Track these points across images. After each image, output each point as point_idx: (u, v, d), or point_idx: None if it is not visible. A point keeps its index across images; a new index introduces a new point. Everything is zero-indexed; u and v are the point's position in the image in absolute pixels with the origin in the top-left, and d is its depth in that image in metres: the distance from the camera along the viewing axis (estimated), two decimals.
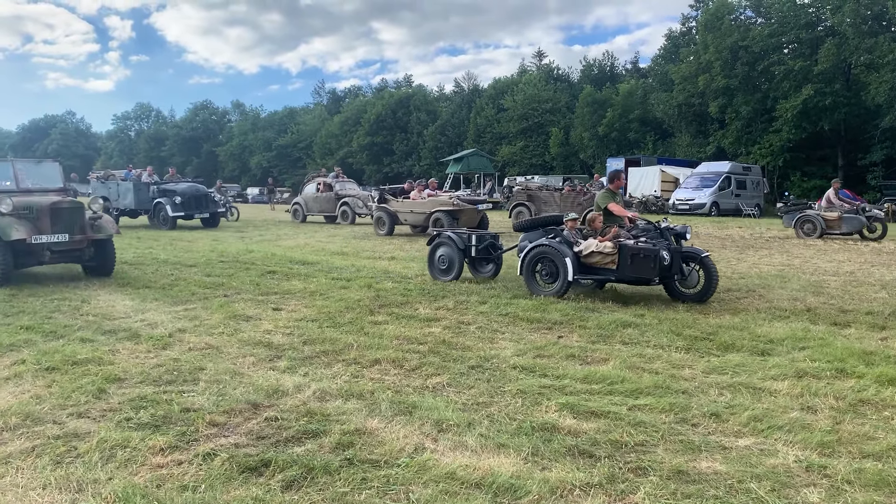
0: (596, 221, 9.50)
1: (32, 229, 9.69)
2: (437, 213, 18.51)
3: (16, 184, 10.56)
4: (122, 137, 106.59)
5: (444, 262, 10.62)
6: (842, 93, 39.49)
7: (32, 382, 5.31)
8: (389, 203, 20.02)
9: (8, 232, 9.43)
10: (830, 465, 3.89)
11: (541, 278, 9.25)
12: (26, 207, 9.84)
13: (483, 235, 10.69)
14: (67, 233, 9.96)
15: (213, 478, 3.66)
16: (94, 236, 10.34)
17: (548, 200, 22.51)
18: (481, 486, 3.59)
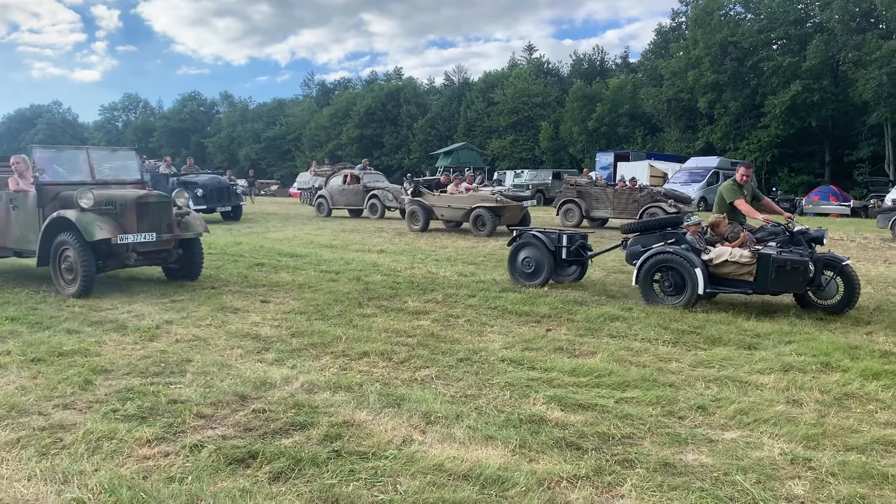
0: (721, 226, 8.36)
1: (117, 227, 8.41)
2: (479, 210, 17.42)
3: (91, 175, 9.27)
4: (109, 128, 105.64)
5: (529, 265, 9.57)
6: (829, 89, 39.71)
7: (18, 374, 5.27)
8: (425, 197, 18.73)
9: (91, 231, 8.13)
10: (815, 457, 3.92)
11: (661, 289, 8.19)
12: (109, 202, 8.61)
13: (573, 236, 9.63)
14: (155, 231, 8.71)
15: (200, 469, 3.65)
16: (182, 235, 9.14)
17: (599, 197, 20.84)
18: (469, 477, 3.60)
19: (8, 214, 9.10)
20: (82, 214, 8.25)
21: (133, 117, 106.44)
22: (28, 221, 8.87)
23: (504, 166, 53.17)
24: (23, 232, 8.95)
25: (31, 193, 8.79)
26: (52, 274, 8.46)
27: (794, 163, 42.75)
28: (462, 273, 10.73)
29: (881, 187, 32.52)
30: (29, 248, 8.89)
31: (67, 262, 8.35)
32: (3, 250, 9.33)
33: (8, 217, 9.11)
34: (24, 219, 8.91)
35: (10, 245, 9.16)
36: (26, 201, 8.89)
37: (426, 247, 14.79)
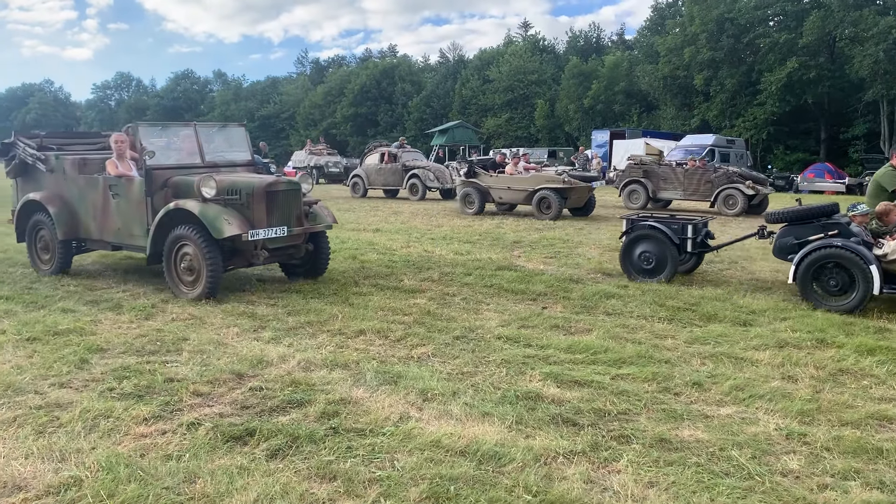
0: (891, 215, 7.40)
1: (244, 221, 7.12)
2: (544, 191, 16.20)
3: (200, 156, 7.94)
4: (102, 107, 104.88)
5: (649, 260, 8.44)
6: (826, 66, 39.55)
7: (13, 353, 5.26)
8: (480, 178, 17.43)
9: (219, 226, 6.87)
10: (810, 432, 3.95)
11: (823, 289, 7.06)
12: (233, 190, 7.26)
13: (697, 225, 8.53)
14: (285, 224, 7.43)
15: (197, 447, 3.66)
16: (312, 228, 7.85)
17: (668, 177, 19.21)
18: (466, 453, 3.61)
19: (106, 203, 7.86)
20: (206, 206, 7.01)
21: (126, 96, 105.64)
22: (132, 212, 7.61)
23: (499, 145, 52.97)
24: (125, 223, 7.72)
25: (137, 179, 7.56)
26: (167, 274, 7.31)
27: (789, 140, 42.68)
28: (458, 252, 10.72)
29: (876, 164, 32.51)
30: (132, 242, 7.74)
31: (187, 262, 7.16)
32: (98, 243, 8.27)
33: (106, 206, 7.87)
34: (127, 208, 7.66)
35: (109, 238, 7.99)
36: (130, 188, 7.61)
37: (422, 226, 14.77)
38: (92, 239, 8.20)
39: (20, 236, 8.80)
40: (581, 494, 3.22)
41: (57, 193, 8.27)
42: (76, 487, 3.22)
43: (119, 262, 9.42)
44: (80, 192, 8.09)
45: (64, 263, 8.37)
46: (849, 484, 3.36)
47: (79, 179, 8.13)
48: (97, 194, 7.92)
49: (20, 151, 8.50)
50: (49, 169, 8.30)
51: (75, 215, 8.15)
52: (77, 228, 8.19)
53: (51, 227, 8.19)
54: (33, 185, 8.56)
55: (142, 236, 7.50)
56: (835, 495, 3.25)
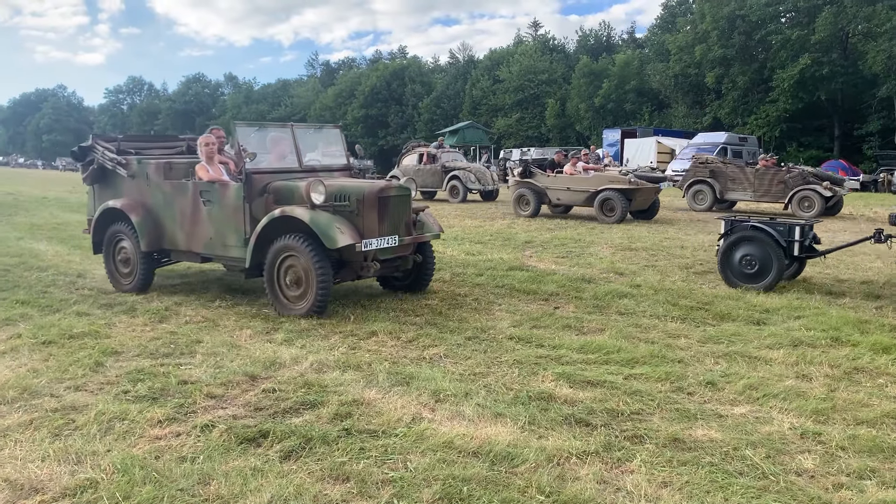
0: None
1: (355, 230, 6.55)
2: (607, 192, 15.39)
3: (297, 160, 7.30)
4: (114, 111, 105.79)
5: (751, 264, 7.88)
6: (839, 62, 39.29)
7: (29, 356, 5.31)
8: (536, 178, 16.57)
9: (332, 235, 6.31)
10: (825, 431, 3.92)
11: None
12: (342, 195, 6.67)
13: (805, 228, 7.99)
14: (396, 233, 6.82)
15: (211, 449, 3.68)
16: (421, 237, 7.27)
17: (736, 177, 18.28)
18: (479, 454, 3.61)
19: (197, 211, 7.17)
20: (316, 214, 6.43)
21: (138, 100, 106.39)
22: (227, 220, 6.95)
23: (510, 144, 52.96)
24: (218, 233, 7.05)
25: (233, 185, 6.93)
26: (269, 289, 6.67)
27: (802, 137, 42.42)
28: (469, 252, 10.72)
29: (891, 161, 32.26)
30: (225, 253, 7.10)
31: (294, 274, 6.55)
32: (185, 255, 7.56)
33: (196, 214, 7.17)
34: (222, 216, 6.99)
35: (198, 249, 7.28)
36: (225, 194, 6.95)
37: None
38: (178, 250, 7.51)
39: (97, 248, 8.09)
40: (594, 495, 3.21)
41: (139, 201, 7.59)
42: (92, 489, 3.25)
43: None
44: (166, 200, 7.41)
45: (146, 278, 7.68)
46: (864, 483, 3.34)
47: (164, 185, 7.46)
48: (186, 201, 7.24)
49: (98, 156, 7.86)
50: (130, 174, 7.66)
51: (160, 225, 7.48)
52: (161, 239, 7.50)
53: (132, 238, 7.51)
54: (112, 193, 7.90)
55: (237, 246, 6.90)
56: (850, 495, 3.22)
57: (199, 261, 7.49)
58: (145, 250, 7.47)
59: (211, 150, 7.34)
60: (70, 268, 9.27)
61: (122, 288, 7.75)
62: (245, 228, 6.81)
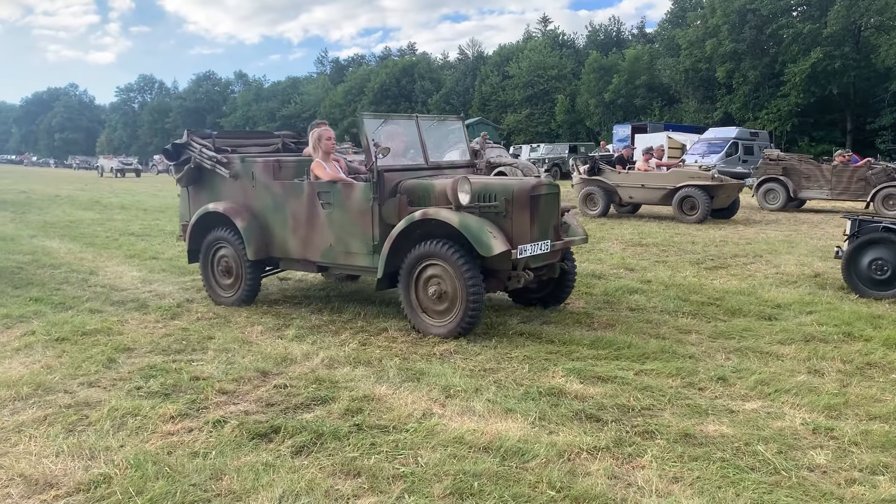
0: None
1: (504, 235, 5.69)
2: (688, 190, 14.41)
3: (423, 155, 6.52)
4: (125, 109, 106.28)
5: (882, 270, 7.15)
6: (851, 56, 38.95)
7: (43, 353, 5.35)
8: (605, 175, 15.51)
9: (486, 241, 5.45)
10: (837, 427, 3.90)
11: None
12: (488, 195, 5.84)
13: None
14: (546, 237, 5.99)
15: (223, 444, 3.70)
16: (571, 242, 6.45)
17: (811, 175, 17.21)
18: (489, 450, 3.62)
19: (314, 215, 6.42)
20: (465, 216, 5.62)
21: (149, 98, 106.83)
22: (352, 224, 6.20)
23: (520, 140, 52.84)
24: (340, 239, 6.29)
25: (359, 185, 6.17)
26: (406, 301, 5.87)
27: (814, 132, 42.12)
28: None
29: None
30: (349, 262, 6.33)
31: (437, 287, 5.70)
32: (298, 264, 6.82)
33: (313, 218, 6.43)
34: (345, 220, 6.23)
35: (315, 257, 6.51)
36: (349, 195, 6.19)
37: None
38: (289, 258, 6.78)
39: (192, 256, 7.35)
40: (605, 490, 3.21)
41: (244, 204, 6.85)
42: (105, 485, 3.28)
43: (143, 264, 9.53)
44: (276, 202, 6.66)
45: (253, 289, 6.94)
46: (877, 478, 3.32)
47: (274, 186, 6.68)
48: (300, 204, 6.48)
49: (196, 154, 7.14)
50: (233, 175, 6.90)
51: (268, 231, 6.74)
52: (270, 246, 6.76)
53: (237, 246, 6.80)
54: (209, 195, 7.17)
55: (364, 254, 6.17)
56: (863, 490, 3.21)
57: (315, 270, 6.74)
58: (253, 259, 6.72)
59: (330, 145, 6.53)
60: (82, 265, 9.33)
61: (222, 300, 7.03)
62: (373, 234, 6.06)
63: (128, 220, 15.42)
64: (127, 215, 16.55)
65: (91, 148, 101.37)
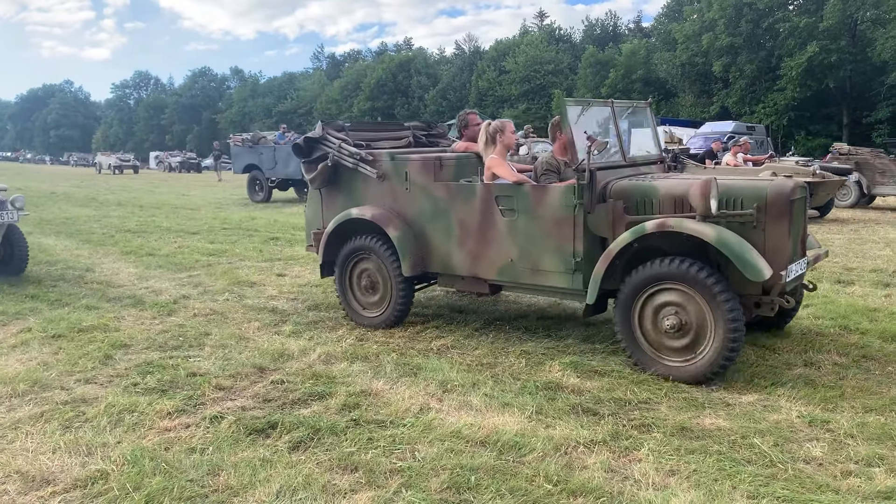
0: None
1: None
2: None
3: (621, 150, 5.52)
4: (121, 106, 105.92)
5: None
6: (847, 49, 38.96)
7: (39, 350, 5.34)
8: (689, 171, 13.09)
9: (753, 262, 4.35)
10: (833, 419, 3.92)
11: None
12: (734, 200, 4.65)
13: None
14: (799, 254, 4.85)
15: (220, 440, 3.70)
16: (818, 257, 5.43)
17: (887, 170, 16.03)
18: (486, 443, 3.63)
19: (489, 223, 5.40)
20: (721, 231, 4.49)
21: (144, 94, 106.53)
22: (545, 235, 5.13)
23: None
24: (525, 253, 5.25)
25: (557, 187, 5.10)
26: (623, 332, 4.76)
27: (811, 126, 42.14)
28: None
29: None
30: (539, 281, 5.27)
31: (675, 318, 4.56)
32: (466, 281, 5.74)
33: (488, 228, 5.42)
34: (535, 230, 5.17)
35: (489, 274, 5.50)
36: (542, 200, 5.14)
37: None
38: (451, 275, 5.79)
39: (326, 270, 6.39)
40: (602, 483, 3.22)
41: (394, 209, 5.89)
42: (103, 481, 3.28)
43: (139, 260, 9.51)
44: (437, 208, 5.68)
45: (405, 308, 5.98)
46: (873, 470, 3.33)
47: (435, 189, 5.67)
48: (470, 210, 5.48)
49: (334, 150, 6.10)
50: (380, 175, 5.91)
51: (425, 241, 5.76)
52: (427, 260, 5.79)
53: (386, 258, 5.84)
54: (346, 198, 6.23)
55: (560, 273, 5.11)
56: (859, 482, 3.22)
57: (487, 290, 5.69)
58: (408, 274, 5.76)
59: (513, 140, 5.66)
60: (78, 262, 9.31)
61: (364, 321, 6.08)
62: (574, 248, 5.00)
63: (124, 216, 15.39)
64: (123, 212, 16.52)
65: (87, 145, 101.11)
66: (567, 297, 5.56)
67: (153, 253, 10.06)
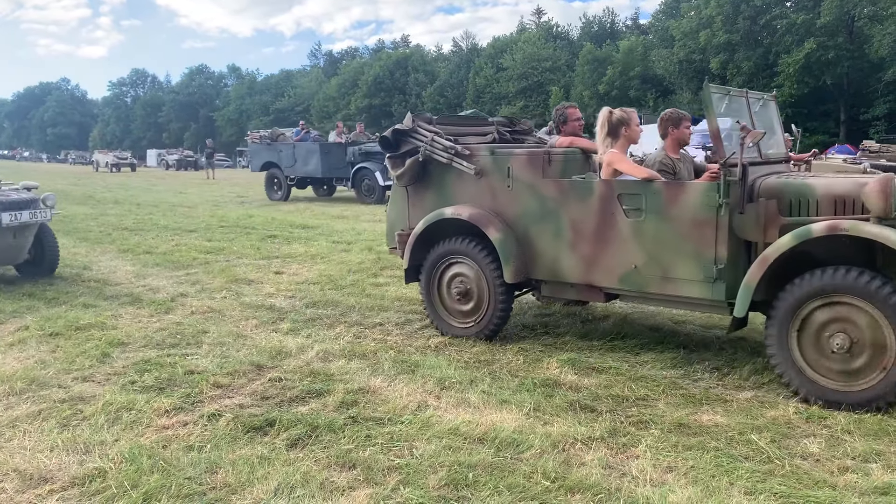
0: None
1: None
2: None
3: (757, 147, 4.74)
4: (118, 104, 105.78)
5: None
6: (845, 46, 39.01)
7: (37, 348, 5.34)
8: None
9: None
10: (830, 415, 3.92)
11: None
12: None
13: None
14: None
15: (218, 438, 3.70)
16: None
17: None
18: (484, 440, 3.63)
19: (609, 225, 4.87)
20: None
21: (141, 92, 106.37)
22: (680, 238, 4.57)
23: None
24: (654, 258, 4.70)
25: (696, 185, 4.57)
26: (779, 351, 4.25)
27: (808, 122, 42.09)
28: None
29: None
30: (669, 291, 4.70)
31: (844, 336, 4.04)
32: (578, 289, 5.19)
33: (608, 229, 4.87)
34: (668, 233, 4.62)
35: (608, 282, 4.95)
36: (677, 199, 4.59)
37: None
38: (559, 282, 5.24)
39: (412, 275, 5.92)
40: (599, 480, 3.22)
41: (494, 209, 5.40)
42: (100, 479, 3.27)
43: (137, 258, 9.50)
44: (544, 208, 5.16)
45: (504, 318, 5.46)
46: (869, 466, 3.34)
47: (544, 187, 5.16)
48: (586, 210, 4.95)
49: (426, 144, 5.63)
50: (478, 171, 5.43)
51: (530, 244, 5.25)
52: (532, 265, 5.26)
53: (484, 263, 5.34)
54: (436, 196, 5.76)
55: (698, 281, 4.54)
56: (855, 478, 3.22)
57: (602, 299, 5.16)
58: (511, 281, 5.25)
59: (636, 133, 5.15)
60: (75, 260, 9.30)
61: (454, 331, 5.60)
62: (716, 253, 4.45)
63: (121, 214, 15.36)
64: (120, 210, 16.49)
65: (84, 143, 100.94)
66: (703, 309, 4.94)
67: (150, 251, 10.05)
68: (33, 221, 7.51)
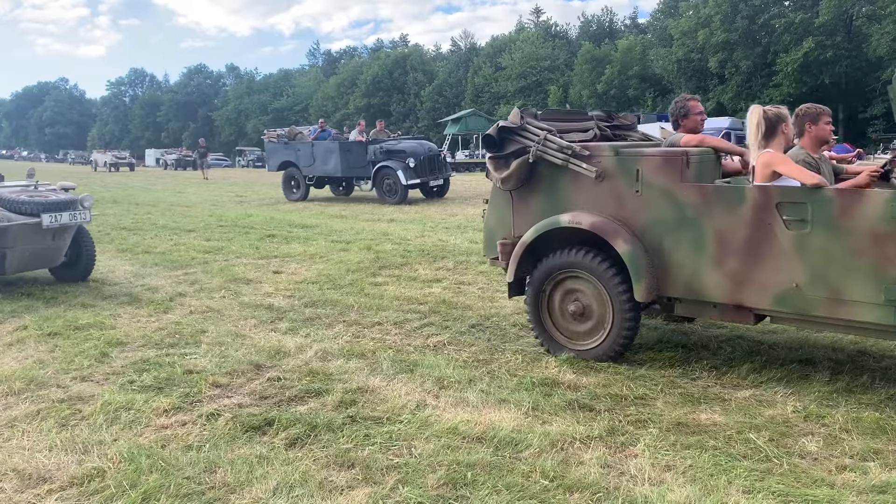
0: None
1: None
2: None
3: None
4: (116, 103, 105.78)
5: None
6: (843, 45, 39.10)
7: (35, 348, 5.33)
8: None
9: None
10: (829, 414, 3.93)
11: None
12: None
13: None
14: None
15: (217, 437, 3.70)
16: None
17: None
18: (483, 440, 3.63)
19: (764, 238, 4.26)
20: None
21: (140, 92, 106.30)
22: (853, 255, 4.00)
23: None
24: (819, 276, 4.10)
25: (878, 194, 3.96)
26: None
27: None
28: (473, 241, 10.71)
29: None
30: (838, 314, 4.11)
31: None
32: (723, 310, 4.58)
33: (762, 243, 4.27)
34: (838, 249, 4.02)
35: (761, 302, 4.35)
36: (851, 209, 3.98)
37: (436, 216, 14.77)
38: (699, 301, 4.61)
39: (517, 288, 5.30)
40: (598, 479, 3.23)
41: (619, 216, 4.79)
42: (99, 478, 3.27)
43: (135, 258, 9.50)
44: (682, 216, 4.54)
45: (630, 339, 4.86)
46: (868, 465, 3.34)
47: (683, 192, 4.53)
48: (737, 220, 4.33)
49: (536, 144, 4.99)
50: (599, 174, 4.80)
51: (663, 258, 4.64)
52: (666, 281, 4.66)
53: (607, 279, 4.72)
54: (546, 201, 5.14)
55: (876, 304, 3.95)
56: (854, 476, 3.23)
57: (751, 321, 4.54)
58: (642, 300, 4.66)
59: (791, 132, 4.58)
60: None
61: (571, 353, 4.96)
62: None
63: (120, 214, 15.35)
64: (119, 209, 16.47)
65: (82, 142, 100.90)
66: (881, 336, 4.37)
67: (149, 250, 10.04)
68: (73, 223, 7.36)
